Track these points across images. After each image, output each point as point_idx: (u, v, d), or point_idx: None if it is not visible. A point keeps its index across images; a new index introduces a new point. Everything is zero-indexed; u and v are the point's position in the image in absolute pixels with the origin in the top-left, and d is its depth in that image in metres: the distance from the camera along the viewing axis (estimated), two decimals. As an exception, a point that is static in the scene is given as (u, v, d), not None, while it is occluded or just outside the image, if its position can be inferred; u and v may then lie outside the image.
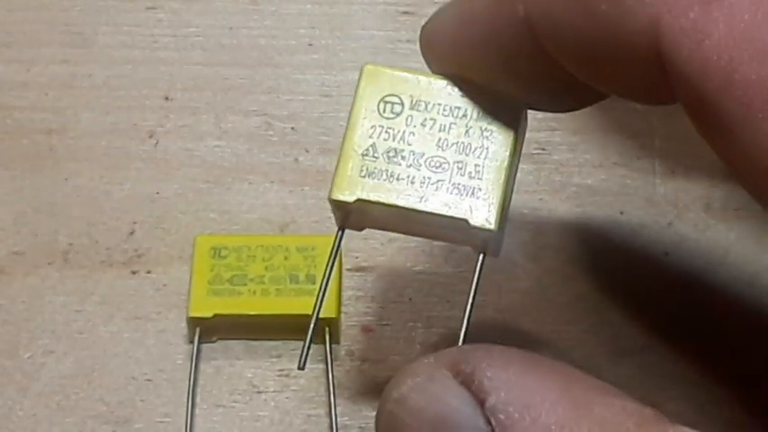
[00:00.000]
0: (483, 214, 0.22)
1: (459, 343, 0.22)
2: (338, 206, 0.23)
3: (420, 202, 0.22)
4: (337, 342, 0.29)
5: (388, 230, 0.25)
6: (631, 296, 0.29)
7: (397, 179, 0.22)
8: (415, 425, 0.19)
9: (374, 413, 0.27)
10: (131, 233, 0.30)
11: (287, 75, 0.33)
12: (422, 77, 0.23)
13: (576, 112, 0.32)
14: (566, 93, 0.23)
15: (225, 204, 0.31)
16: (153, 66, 0.33)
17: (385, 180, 0.23)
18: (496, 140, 0.23)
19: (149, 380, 0.28)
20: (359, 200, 0.23)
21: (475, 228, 0.22)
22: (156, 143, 0.32)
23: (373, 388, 0.28)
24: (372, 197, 0.23)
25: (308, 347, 0.23)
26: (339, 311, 0.29)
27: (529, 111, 0.24)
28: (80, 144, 0.32)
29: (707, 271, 0.30)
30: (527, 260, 0.30)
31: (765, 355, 0.28)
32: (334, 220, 0.24)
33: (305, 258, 0.28)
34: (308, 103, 0.32)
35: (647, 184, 0.31)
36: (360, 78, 0.23)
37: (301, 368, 0.23)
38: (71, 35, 0.33)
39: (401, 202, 0.22)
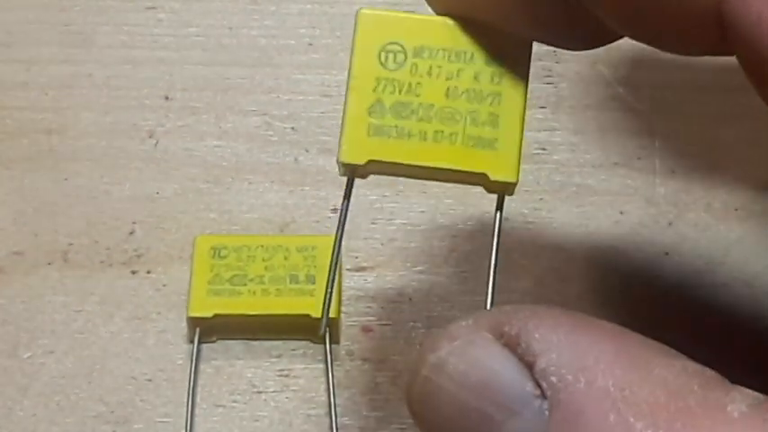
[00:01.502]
0: (503, 167, 0.21)
1: (488, 303, 0.21)
2: (347, 167, 0.22)
3: (435, 158, 0.21)
4: (337, 342, 0.29)
5: (400, 177, 0.24)
6: (631, 296, 0.29)
7: (408, 135, 0.21)
8: (455, 390, 0.18)
9: (374, 413, 0.28)
10: (131, 233, 0.30)
11: (287, 75, 0.33)
12: (422, 19, 0.22)
13: (577, 113, 0.32)
14: (585, 34, 0.21)
15: (225, 204, 0.31)
16: (153, 66, 0.33)
17: (395, 137, 0.21)
18: (508, 85, 0.22)
19: (149, 380, 0.28)
20: (370, 161, 0.22)
21: (496, 180, 0.21)
22: (156, 143, 0.32)
23: (373, 388, 0.28)
24: (384, 157, 0.21)
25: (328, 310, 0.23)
26: (339, 311, 0.29)
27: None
28: (80, 144, 0.32)
29: (707, 271, 0.30)
30: (527, 260, 0.30)
31: (765, 356, 0.28)
32: (333, 220, 0.24)
33: (305, 258, 0.28)
34: (308, 103, 0.32)
35: (647, 184, 0.31)
36: (355, 26, 0.22)
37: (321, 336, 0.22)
38: (71, 35, 0.33)
39: (415, 161, 0.21)
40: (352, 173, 0.22)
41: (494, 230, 0.22)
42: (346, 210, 0.23)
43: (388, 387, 0.28)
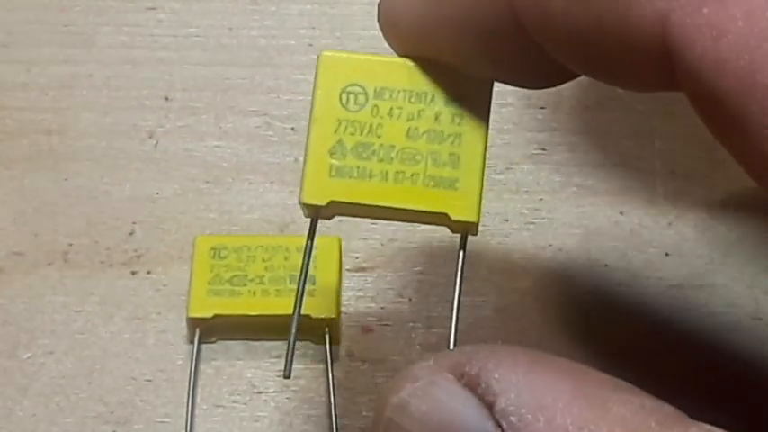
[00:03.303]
0: (464, 207, 0.21)
1: (451, 342, 0.22)
2: (309, 208, 0.22)
3: (396, 199, 0.21)
4: (337, 342, 0.29)
5: (363, 218, 0.24)
6: (631, 296, 0.29)
7: (370, 176, 0.21)
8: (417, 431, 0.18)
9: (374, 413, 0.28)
10: (131, 233, 0.30)
11: (287, 75, 0.33)
12: (383, 61, 0.22)
13: (576, 113, 0.32)
14: (544, 74, 0.22)
15: (225, 204, 0.31)
16: (153, 66, 0.33)
17: (356, 178, 0.21)
18: (469, 126, 0.22)
19: (149, 380, 0.28)
20: (332, 201, 0.22)
21: (457, 220, 0.22)
22: (156, 143, 0.32)
23: (373, 388, 0.28)
24: (345, 198, 0.22)
25: (292, 354, 0.22)
26: (339, 311, 0.29)
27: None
28: (80, 144, 0.32)
29: (707, 271, 0.30)
30: (526, 260, 0.30)
31: (763, 355, 0.28)
32: (333, 220, 0.24)
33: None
34: (308, 103, 0.32)
35: (647, 184, 0.31)
36: (317, 68, 0.22)
37: (287, 376, 0.22)
38: (71, 35, 0.33)
39: (376, 202, 0.22)
40: (316, 214, 0.22)
41: (456, 270, 0.22)
42: (310, 250, 0.23)
43: (388, 387, 0.28)
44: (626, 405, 0.17)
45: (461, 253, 0.22)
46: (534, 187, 0.31)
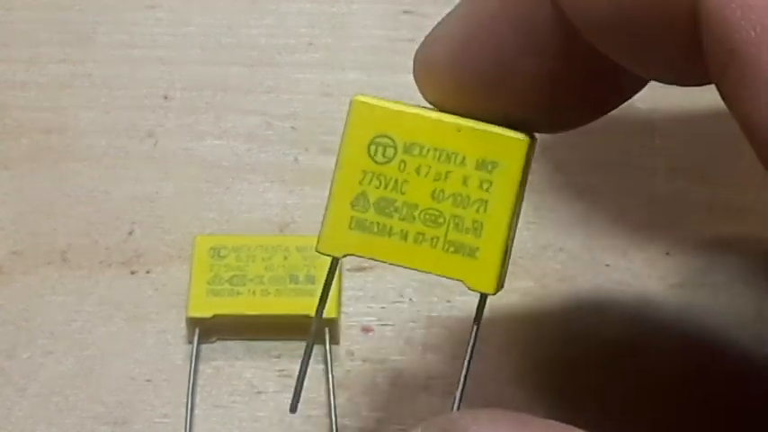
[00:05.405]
0: (482, 277, 0.21)
1: (455, 406, 0.22)
2: (325, 255, 0.22)
3: (413, 261, 0.21)
4: (337, 342, 0.29)
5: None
6: (631, 296, 0.29)
7: (389, 233, 0.21)
8: None
9: (374, 413, 0.28)
10: (130, 233, 0.30)
11: (287, 74, 0.33)
12: (417, 114, 0.21)
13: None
14: (581, 106, 0.21)
15: (224, 204, 0.31)
16: (152, 64, 0.33)
17: (376, 233, 0.21)
18: (497, 194, 0.21)
19: (148, 380, 0.28)
20: (348, 254, 0.21)
21: (473, 290, 0.21)
22: (156, 143, 0.32)
23: (373, 388, 0.28)
24: (362, 253, 0.21)
25: (300, 390, 0.23)
26: (339, 311, 0.29)
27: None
28: (79, 144, 0.32)
29: (707, 271, 0.30)
30: (527, 260, 0.30)
31: (765, 355, 0.28)
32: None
33: (304, 258, 0.28)
34: (308, 102, 0.32)
35: (647, 183, 0.31)
36: (349, 113, 0.21)
37: (293, 411, 0.23)
38: (70, 34, 0.33)
39: (393, 260, 0.21)
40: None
41: (470, 336, 0.22)
42: (329, 286, 0.22)
43: (388, 387, 0.28)
44: None
45: (475, 327, 0.22)
46: (534, 187, 0.31)
